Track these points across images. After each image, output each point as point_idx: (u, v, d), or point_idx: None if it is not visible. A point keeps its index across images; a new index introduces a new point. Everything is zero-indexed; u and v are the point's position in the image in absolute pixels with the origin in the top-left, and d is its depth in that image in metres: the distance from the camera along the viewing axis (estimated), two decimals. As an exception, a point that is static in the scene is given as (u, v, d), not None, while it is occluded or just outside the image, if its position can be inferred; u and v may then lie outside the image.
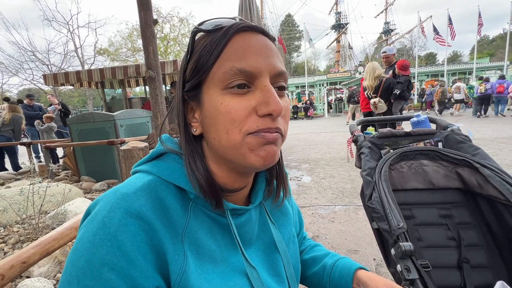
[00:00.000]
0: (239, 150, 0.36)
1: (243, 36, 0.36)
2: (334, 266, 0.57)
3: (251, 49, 0.36)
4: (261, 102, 0.35)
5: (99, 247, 0.30)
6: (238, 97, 0.36)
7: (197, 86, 0.38)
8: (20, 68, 17.56)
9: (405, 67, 3.72)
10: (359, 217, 2.40)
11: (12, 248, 1.93)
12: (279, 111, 0.35)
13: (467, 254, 0.82)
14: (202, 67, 0.37)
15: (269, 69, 0.36)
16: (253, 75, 0.35)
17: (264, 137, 0.36)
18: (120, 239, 0.31)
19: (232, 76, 0.35)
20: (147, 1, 2.57)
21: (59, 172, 4.63)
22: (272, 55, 0.37)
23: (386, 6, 35.75)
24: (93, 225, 0.32)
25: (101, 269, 0.30)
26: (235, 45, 0.36)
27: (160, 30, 19.04)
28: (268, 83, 0.36)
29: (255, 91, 0.36)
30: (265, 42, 0.37)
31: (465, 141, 0.98)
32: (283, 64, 0.40)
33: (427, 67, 23.51)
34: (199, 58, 0.37)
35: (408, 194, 0.97)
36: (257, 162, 0.37)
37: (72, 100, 26.55)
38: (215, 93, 0.36)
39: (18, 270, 0.68)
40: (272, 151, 0.37)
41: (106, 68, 5.15)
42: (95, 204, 0.35)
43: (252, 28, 0.37)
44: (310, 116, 17.06)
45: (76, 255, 0.31)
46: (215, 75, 0.36)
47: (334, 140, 7.17)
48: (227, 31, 0.36)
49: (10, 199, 2.23)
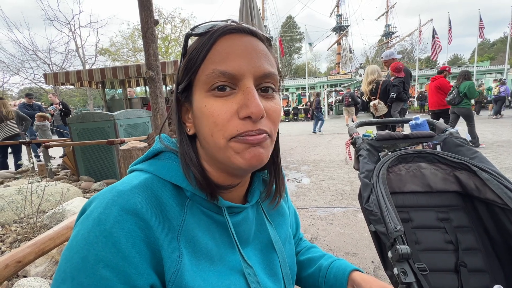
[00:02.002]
0: (224, 153, 0.37)
1: (229, 38, 0.36)
2: (329, 267, 0.57)
3: (234, 51, 0.36)
4: (241, 105, 0.35)
5: (94, 243, 0.30)
6: (220, 99, 0.36)
7: (187, 88, 0.39)
8: (21, 67, 17.60)
9: (398, 69, 3.73)
10: (358, 220, 2.40)
11: (10, 247, 1.92)
12: (258, 113, 0.35)
13: (465, 257, 0.82)
14: (190, 69, 0.38)
15: (253, 71, 0.36)
16: (236, 77, 0.35)
17: (247, 141, 0.36)
18: (116, 236, 0.31)
19: (214, 79, 0.35)
20: (148, 2, 2.58)
21: (58, 171, 4.63)
22: (257, 57, 0.37)
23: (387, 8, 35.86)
24: (88, 222, 0.32)
25: (96, 266, 0.30)
26: (220, 47, 0.36)
27: (161, 31, 19.10)
28: (250, 85, 0.36)
29: (238, 93, 0.36)
30: (252, 43, 0.37)
31: (463, 144, 0.98)
32: (273, 64, 0.39)
33: (427, 70, 23.55)
34: (188, 61, 0.38)
35: (406, 197, 0.96)
36: (243, 165, 0.37)
37: (73, 100, 26.58)
38: (200, 95, 0.37)
39: (13, 269, 0.67)
40: (257, 153, 0.37)
41: (107, 68, 5.16)
42: (91, 202, 0.35)
43: (239, 30, 0.37)
44: (310, 118, 17.08)
45: (71, 251, 0.31)
46: (201, 78, 0.37)
47: (334, 142, 7.17)
48: (213, 34, 0.36)
49: (8, 198, 2.22)
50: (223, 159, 0.38)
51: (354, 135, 1.19)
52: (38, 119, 6.11)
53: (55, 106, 6.99)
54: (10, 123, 5.00)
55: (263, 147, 0.37)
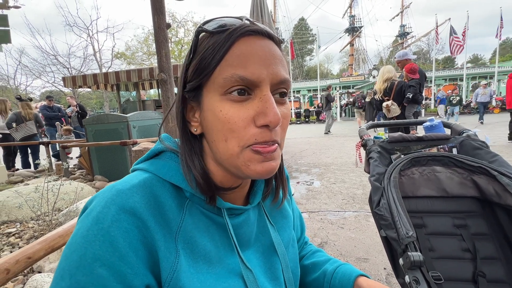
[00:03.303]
0: (235, 161, 0.36)
1: (247, 40, 0.35)
2: (335, 272, 0.55)
3: (254, 56, 0.34)
4: (259, 112, 0.35)
5: (92, 242, 0.31)
6: (237, 105, 0.35)
7: (198, 88, 0.38)
8: (43, 71, 18.49)
9: (413, 70, 3.62)
10: (369, 224, 2.33)
11: (26, 243, 2.00)
12: (276, 122, 0.34)
13: (483, 267, 0.77)
14: (204, 69, 0.36)
15: (271, 78, 0.35)
16: (254, 84, 0.35)
17: (260, 153, 0.35)
18: (113, 235, 0.31)
19: (232, 83, 0.34)
20: (161, 6, 2.63)
21: (74, 171, 4.79)
22: (275, 63, 0.36)
23: (402, 8, 35.09)
24: (87, 221, 0.32)
25: (93, 264, 0.30)
26: (238, 50, 0.34)
27: (174, 35, 19.51)
28: (268, 92, 0.35)
29: (255, 99, 0.35)
30: (270, 48, 0.36)
31: (481, 147, 0.93)
32: (286, 70, 0.39)
33: (445, 71, 22.77)
34: (201, 60, 0.36)
35: (419, 201, 0.92)
36: (252, 175, 0.37)
37: (90, 102, 27.56)
38: (214, 97, 0.36)
39: (23, 265, 0.69)
40: (270, 167, 0.37)
41: (122, 71, 5.31)
42: (92, 200, 0.36)
43: (257, 32, 0.36)
44: (322, 120, 16.88)
45: (70, 249, 0.31)
46: (216, 80, 0.35)
47: (346, 144, 7.05)
48: (231, 34, 0.35)
49: (26, 196, 2.32)
50: (232, 166, 0.37)
51: (365, 137, 1.15)
52: (64, 132, 6.41)
53: (73, 108, 7.28)
54: (29, 124, 5.34)
55: (274, 159, 0.37)
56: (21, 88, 22.05)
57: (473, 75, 20.75)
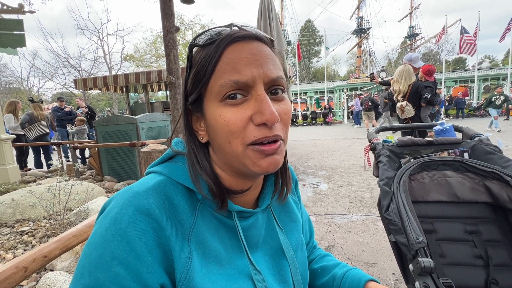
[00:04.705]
0: (241, 160, 0.38)
1: (236, 47, 0.37)
2: (344, 277, 0.55)
3: (243, 59, 0.36)
4: (255, 112, 0.36)
5: (110, 241, 0.32)
6: (235, 108, 0.37)
7: (198, 99, 0.40)
8: (55, 73, 18.95)
9: (430, 72, 3.56)
10: (378, 228, 2.30)
11: (39, 242, 2.05)
12: (273, 120, 0.36)
13: (496, 274, 0.76)
14: (200, 81, 0.38)
15: (263, 77, 0.37)
16: (248, 85, 0.36)
17: (264, 152, 0.37)
18: (130, 235, 0.33)
19: (228, 88, 0.36)
20: (170, 10, 2.68)
21: (84, 171, 4.89)
22: (266, 62, 0.37)
23: (411, 9, 34.63)
24: (106, 221, 0.34)
25: (111, 263, 0.31)
26: (228, 57, 0.36)
27: (182, 37, 19.73)
28: (263, 91, 0.37)
29: (251, 100, 0.37)
30: (259, 49, 0.38)
31: (494, 152, 0.92)
32: (280, 67, 0.40)
33: (455, 73, 22.29)
34: (197, 73, 0.39)
35: (429, 206, 0.91)
36: (259, 171, 0.38)
37: (99, 104, 28.08)
38: (213, 105, 0.38)
39: (40, 263, 0.72)
40: (274, 161, 0.38)
41: (131, 73, 5.41)
42: (110, 201, 0.37)
43: (244, 37, 0.37)
44: (329, 122, 16.75)
45: (90, 248, 0.33)
46: (213, 88, 0.37)
47: (353, 147, 6.98)
48: (219, 44, 0.37)
49: (39, 196, 2.38)
50: (240, 165, 0.39)
51: (374, 140, 1.15)
52: (78, 123, 6.60)
53: (82, 109, 7.43)
54: (42, 124, 5.55)
55: (278, 154, 0.38)
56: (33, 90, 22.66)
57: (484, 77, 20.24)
